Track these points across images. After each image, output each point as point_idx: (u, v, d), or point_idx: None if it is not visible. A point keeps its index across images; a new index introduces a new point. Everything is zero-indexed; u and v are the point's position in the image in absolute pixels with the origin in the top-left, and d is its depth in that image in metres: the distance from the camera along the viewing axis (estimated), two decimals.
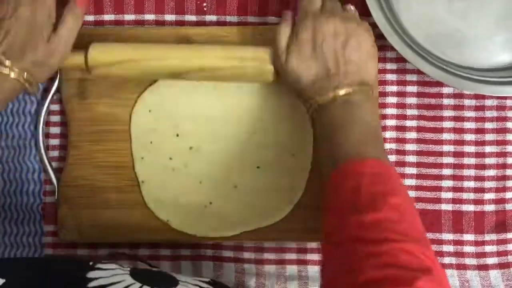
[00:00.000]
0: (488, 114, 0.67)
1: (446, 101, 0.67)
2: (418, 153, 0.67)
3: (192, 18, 0.68)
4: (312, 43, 0.57)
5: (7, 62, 0.56)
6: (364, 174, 0.51)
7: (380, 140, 0.57)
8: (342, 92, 0.55)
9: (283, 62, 0.58)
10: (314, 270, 0.67)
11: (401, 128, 0.67)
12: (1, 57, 0.56)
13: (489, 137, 0.67)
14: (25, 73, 0.57)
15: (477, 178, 0.67)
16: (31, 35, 0.57)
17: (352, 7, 0.60)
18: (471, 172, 0.67)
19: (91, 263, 0.49)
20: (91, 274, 0.47)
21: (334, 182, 0.53)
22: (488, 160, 0.67)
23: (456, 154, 0.67)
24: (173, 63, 0.61)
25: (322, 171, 0.56)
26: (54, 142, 0.68)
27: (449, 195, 0.67)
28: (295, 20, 0.60)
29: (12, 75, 0.56)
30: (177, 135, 0.66)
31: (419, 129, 0.67)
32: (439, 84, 0.67)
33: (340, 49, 0.57)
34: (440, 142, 0.67)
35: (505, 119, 0.67)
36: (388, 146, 0.67)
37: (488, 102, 0.67)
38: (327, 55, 0.56)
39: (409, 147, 0.67)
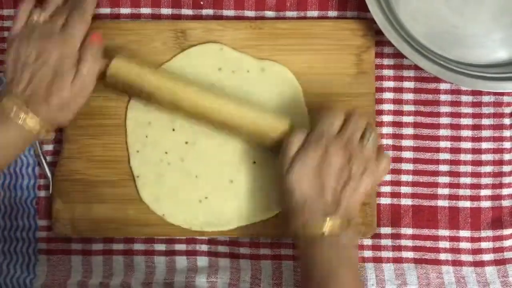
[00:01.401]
0: (485, 110, 0.67)
1: (443, 97, 0.67)
2: (415, 149, 0.67)
3: (189, 12, 0.68)
4: (316, 168, 0.57)
5: (22, 114, 0.56)
6: None
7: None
8: (329, 224, 0.56)
9: (285, 170, 0.58)
10: None
11: (398, 124, 0.67)
12: (23, 106, 0.56)
13: (485, 133, 0.67)
14: (43, 122, 0.58)
15: (474, 175, 0.67)
16: (57, 79, 0.58)
17: (371, 138, 0.59)
18: (468, 169, 0.67)
19: None
20: None
21: None
22: (485, 157, 0.67)
23: (453, 150, 0.67)
24: (184, 109, 0.61)
25: None
26: None
27: (446, 191, 0.67)
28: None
29: (29, 125, 0.57)
30: (173, 130, 0.66)
31: (416, 125, 0.67)
32: (436, 79, 0.66)
33: (340, 186, 0.57)
34: (437, 138, 0.67)
35: (502, 115, 0.67)
36: (384, 141, 0.67)
37: (485, 98, 0.67)
38: (326, 186, 0.57)
39: (406, 143, 0.67)
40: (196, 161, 0.65)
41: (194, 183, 0.65)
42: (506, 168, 0.67)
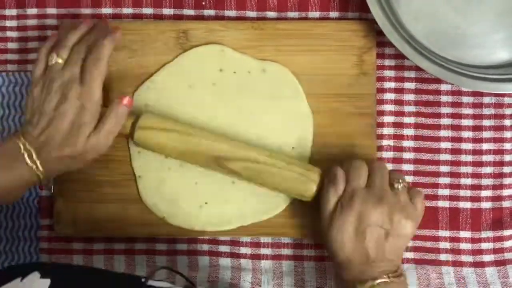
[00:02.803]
0: (486, 111, 0.67)
1: (444, 98, 0.67)
2: (416, 150, 0.67)
3: (191, 12, 0.68)
4: (356, 226, 0.56)
5: (35, 162, 0.56)
6: None
7: None
8: (378, 281, 0.56)
9: (326, 225, 0.58)
10: (310, 266, 0.67)
11: (398, 125, 0.67)
12: (33, 153, 0.56)
13: (486, 134, 0.67)
14: (47, 173, 0.57)
15: (474, 175, 0.67)
16: (72, 132, 0.57)
17: (401, 183, 0.58)
18: (468, 169, 0.67)
19: (143, 280, 0.49)
20: None
21: None
22: (485, 158, 0.67)
23: (454, 151, 0.67)
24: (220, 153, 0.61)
25: None
26: None
27: (446, 192, 0.67)
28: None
29: (34, 169, 0.56)
30: None
31: (416, 125, 0.67)
32: (437, 80, 0.67)
33: (383, 240, 0.56)
34: (438, 139, 0.67)
35: (502, 116, 0.67)
36: (385, 142, 0.67)
37: (486, 100, 0.67)
38: (369, 244, 0.56)
39: (407, 143, 0.67)
40: (195, 167, 0.64)
41: (194, 190, 0.65)
42: (506, 169, 0.67)
